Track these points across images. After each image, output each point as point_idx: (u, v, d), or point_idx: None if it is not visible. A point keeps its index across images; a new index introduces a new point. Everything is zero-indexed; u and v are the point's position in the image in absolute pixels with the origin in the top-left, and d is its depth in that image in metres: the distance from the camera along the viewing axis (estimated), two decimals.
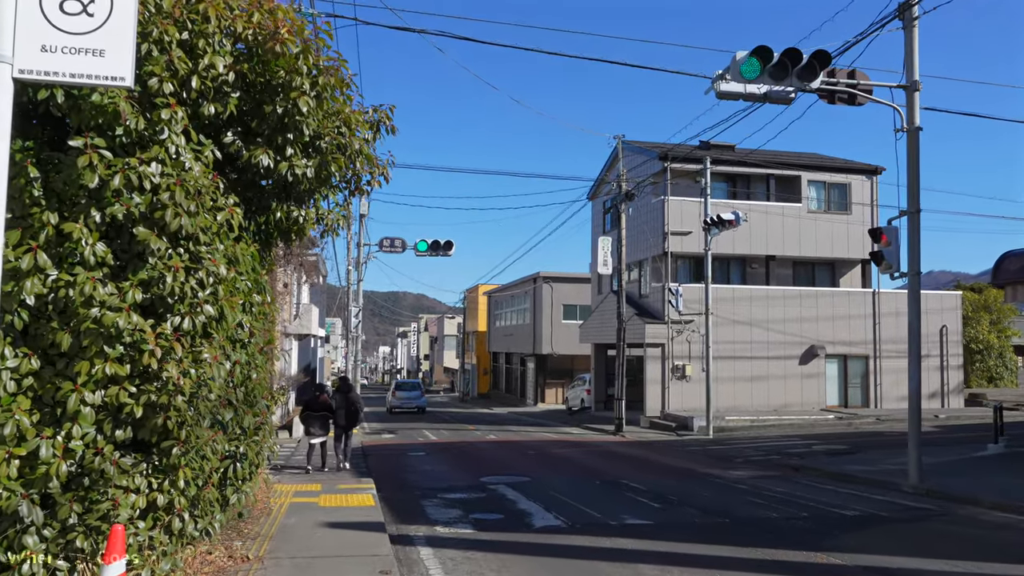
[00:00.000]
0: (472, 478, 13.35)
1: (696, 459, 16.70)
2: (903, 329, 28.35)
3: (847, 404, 27.81)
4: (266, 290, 6.09)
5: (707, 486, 12.32)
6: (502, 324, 50.75)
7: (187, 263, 4.61)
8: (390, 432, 24.89)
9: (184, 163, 4.61)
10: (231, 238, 5.02)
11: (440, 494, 11.48)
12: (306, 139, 5.64)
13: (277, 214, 6.14)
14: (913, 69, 12.09)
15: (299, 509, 9.40)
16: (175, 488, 4.49)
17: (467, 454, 18.12)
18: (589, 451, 18.66)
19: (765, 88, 11.78)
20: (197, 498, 4.76)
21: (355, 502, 9.99)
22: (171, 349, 4.37)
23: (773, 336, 27.01)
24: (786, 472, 14.31)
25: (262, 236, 6.24)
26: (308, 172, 5.64)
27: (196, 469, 4.67)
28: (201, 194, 4.52)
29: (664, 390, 26.34)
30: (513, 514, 9.84)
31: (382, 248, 26.56)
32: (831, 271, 30.03)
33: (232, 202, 5.02)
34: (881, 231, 12.72)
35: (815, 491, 11.71)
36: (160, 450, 4.47)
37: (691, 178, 27.30)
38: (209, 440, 4.71)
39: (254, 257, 5.59)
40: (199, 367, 4.51)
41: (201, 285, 4.62)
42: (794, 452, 17.28)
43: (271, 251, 6.63)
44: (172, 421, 4.36)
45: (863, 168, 29.14)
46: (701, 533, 8.62)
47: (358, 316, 28.67)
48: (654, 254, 27.97)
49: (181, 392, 4.33)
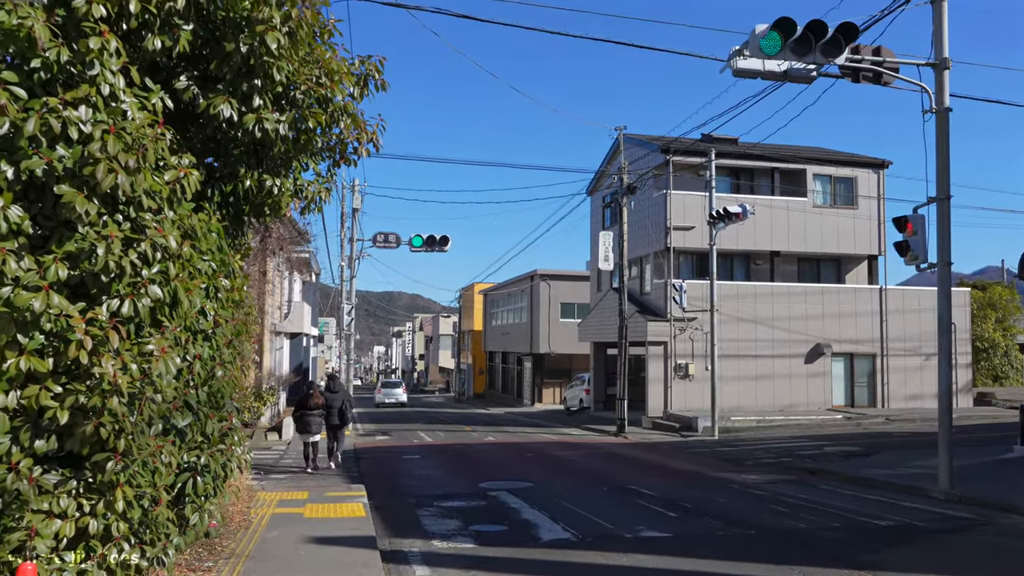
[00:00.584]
0: (470, 483, 12.52)
1: (704, 462, 15.90)
2: (911, 327, 27.93)
3: (854, 404, 27.08)
4: (236, 274, 5.23)
5: (722, 492, 11.51)
6: (498, 323, 49.93)
7: (127, 233, 3.75)
8: (384, 433, 24.02)
9: (124, 110, 3.77)
10: (187, 207, 4.17)
11: (437, 502, 10.63)
12: (278, 88, 4.75)
13: (246, 183, 5.21)
14: (942, 46, 11.30)
15: (282, 521, 8.54)
16: (112, 511, 3.62)
17: (464, 457, 17.28)
18: (591, 453, 17.84)
19: (785, 65, 10.97)
20: (145, 521, 3.91)
21: (344, 512, 9.14)
22: (105, 339, 3.53)
23: (778, 334, 26.25)
24: (802, 476, 13.52)
25: (229, 210, 5.32)
26: (281, 129, 4.75)
27: (141, 486, 3.82)
28: (144, 148, 3.66)
29: (667, 390, 25.54)
30: (517, 525, 9.00)
31: (376, 244, 25.67)
32: (836, 267, 29.29)
33: (187, 163, 4.15)
34: (906, 219, 11.93)
35: (839, 497, 10.91)
36: (93, 464, 3.61)
37: (693, 172, 26.51)
38: (157, 450, 3.86)
39: (220, 235, 4.74)
40: (143, 362, 3.66)
41: (145, 261, 3.76)
42: (806, 454, 16.52)
43: (243, 230, 5.75)
44: (107, 428, 3.51)
45: (870, 161, 28.39)
46: (726, 547, 7.79)
47: (351, 314, 27.79)
48: (656, 250, 27.16)
49: (118, 392, 3.48)
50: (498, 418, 32.93)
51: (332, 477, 13.27)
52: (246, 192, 5.17)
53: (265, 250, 13.64)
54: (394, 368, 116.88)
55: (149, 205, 3.80)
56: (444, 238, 24.65)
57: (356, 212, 26.62)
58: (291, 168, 5.39)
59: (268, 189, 5.24)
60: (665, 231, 26.19)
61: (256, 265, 14.22)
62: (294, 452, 17.10)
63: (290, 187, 5.38)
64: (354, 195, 26.23)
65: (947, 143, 11.35)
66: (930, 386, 27.77)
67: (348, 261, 27.57)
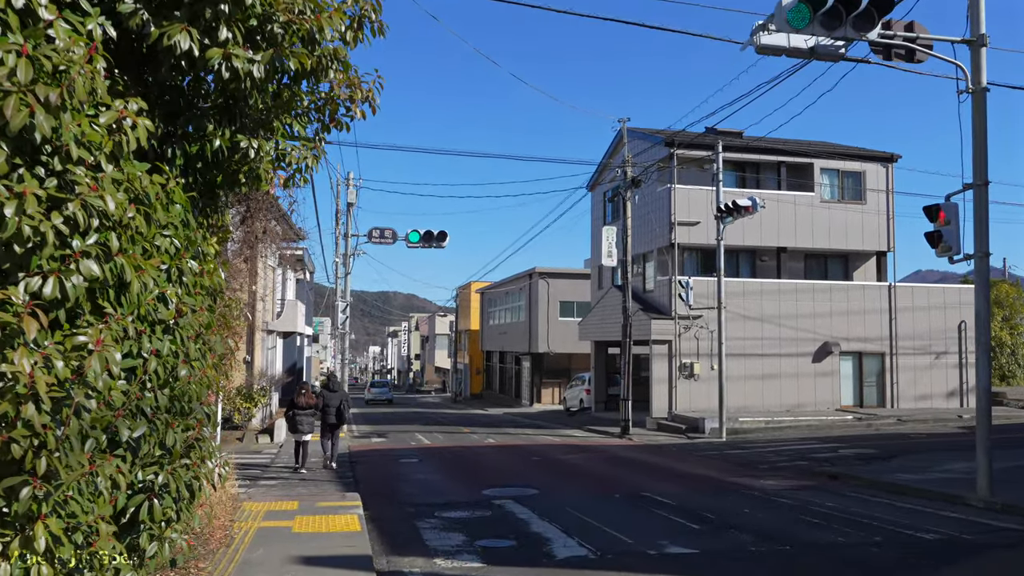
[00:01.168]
0: (473, 491, 11.71)
1: (717, 465, 15.14)
2: (920, 325, 27.20)
3: (862, 404, 26.36)
4: (208, 256, 4.40)
5: (744, 500, 10.73)
6: (496, 322, 49.12)
7: (51, 191, 2.95)
8: (380, 435, 23.20)
9: (49, 35, 2.95)
10: (139, 167, 3.34)
11: (438, 512, 9.83)
12: (251, 18, 3.86)
13: (215, 142, 4.31)
14: (979, 22, 10.54)
15: (268, 537, 7.72)
16: (31, 550, 2.80)
17: (465, 460, 16.47)
18: (597, 456, 17.05)
19: (812, 41, 10.21)
20: (84, 560, 3.09)
21: (337, 526, 8.32)
22: (19, 329, 2.72)
23: (785, 332, 25.51)
24: (823, 481, 12.76)
25: (197, 177, 4.45)
26: (256, 71, 3.87)
27: (76, 515, 3.00)
28: (72, 81, 2.84)
29: (671, 390, 24.77)
30: (527, 539, 8.19)
31: (371, 239, 24.85)
32: (844, 264, 28.58)
33: (135, 109, 3.31)
34: (939, 208, 11.16)
35: (870, 506, 10.14)
36: (6, 492, 2.79)
37: (698, 166, 25.75)
38: (94, 470, 3.04)
39: (186, 207, 3.91)
40: (75, 358, 2.85)
41: (74, 228, 2.93)
42: (821, 457, 15.78)
43: (218, 205, 4.89)
44: (21, 445, 2.70)
45: (879, 155, 27.68)
46: (763, 566, 7.00)
47: (345, 312, 26.94)
48: (659, 246, 26.39)
49: (36, 398, 2.67)
50: (497, 419, 32.12)
51: (325, 484, 12.46)
52: (215, 154, 4.26)
53: (252, 239, 12.77)
54: (389, 368, 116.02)
55: (81, 157, 2.97)
56: (442, 233, 23.89)
57: (351, 207, 25.80)
58: (273, 132, 4.55)
59: (243, 152, 4.33)
60: (669, 226, 25.42)
61: (242, 256, 13.37)
62: (286, 456, 16.28)
63: (270, 152, 4.51)
64: (348, 189, 25.40)
65: (984, 125, 10.59)
66: (940, 386, 27.11)
67: (343, 258, 26.73)
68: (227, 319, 8.47)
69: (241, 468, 14.18)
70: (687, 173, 25.98)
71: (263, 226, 12.45)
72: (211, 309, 5.99)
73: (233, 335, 10.61)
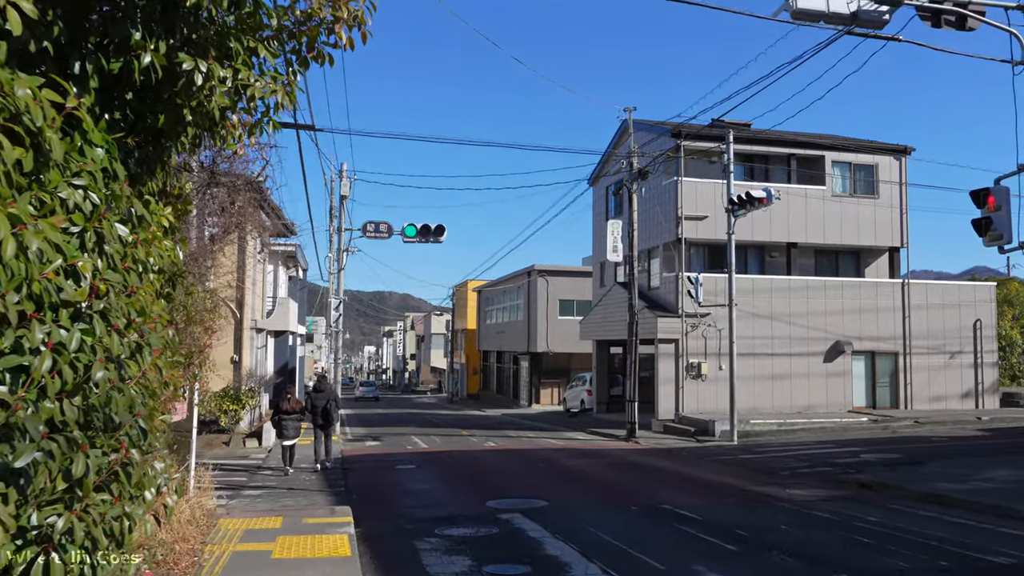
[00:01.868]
0: (476, 502, 10.68)
1: (735, 472, 14.14)
2: (935, 323, 26.22)
3: (875, 405, 25.42)
4: (140, 219, 3.32)
5: (776, 513, 9.72)
6: (493, 321, 48.09)
7: None
8: (374, 439, 22.14)
9: None
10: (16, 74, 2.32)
11: (439, 529, 8.78)
12: None
13: (145, 58, 3.09)
14: None
15: (244, 563, 6.68)
16: None
17: (464, 466, 15.44)
18: (605, 462, 16.04)
19: (855, 6, 9.21)
20: None
21: (325, 549, 7.27)
22: None
23: (795, 331, 24.56)
24: (855, 491, 11.78)
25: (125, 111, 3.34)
26: None
27: None
28: None
29: (678, 391, 23.78)
30: (543, 565, 7.16)
31: (366, 233, 23.75)
32: (856, 260, 27.64)
33: None
34: (988, 192, 10.20)
35: (919, 521, 9.14)
36: None
37: (705, 158, 24.75)
38: None
39: (111, 148, 2.87)
40: None
41: None
42: (843, 463, 14.81)
43: (165, 158, 3.79)
44: None
45: (892, 148, 26.72)
46: None
47: (339, 310, 25.86)
48: (665, 241, 25.40)
49: None
50: (495, 420, 31.08)
51: (314, 494, 11.43)
52: (145, 75, 3.18)
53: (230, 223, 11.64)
54: (385, 368, 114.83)
55: None
56: (439, 228, 22.83)
57: (344, 200, 24.72)
58: (231, 57, 3.45)
59: (187, 77, 3.18)
60: (676, 221, 24.43)
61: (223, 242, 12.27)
62: (273, 461, 15.26)
63: (225, 80, 3.37)
64: (342, 181, 24.32)
65: None
66: (955, 386, 26.17)
67: (336, 253, 25.65)
68: (190, 311, 7.38)
69: (226, 473, 13.14)
70: (693, 167, 24.99)
71: (243, 204, 11.28)
72: (169, 297, 4.93)
73: (207, 331, 9.54)
